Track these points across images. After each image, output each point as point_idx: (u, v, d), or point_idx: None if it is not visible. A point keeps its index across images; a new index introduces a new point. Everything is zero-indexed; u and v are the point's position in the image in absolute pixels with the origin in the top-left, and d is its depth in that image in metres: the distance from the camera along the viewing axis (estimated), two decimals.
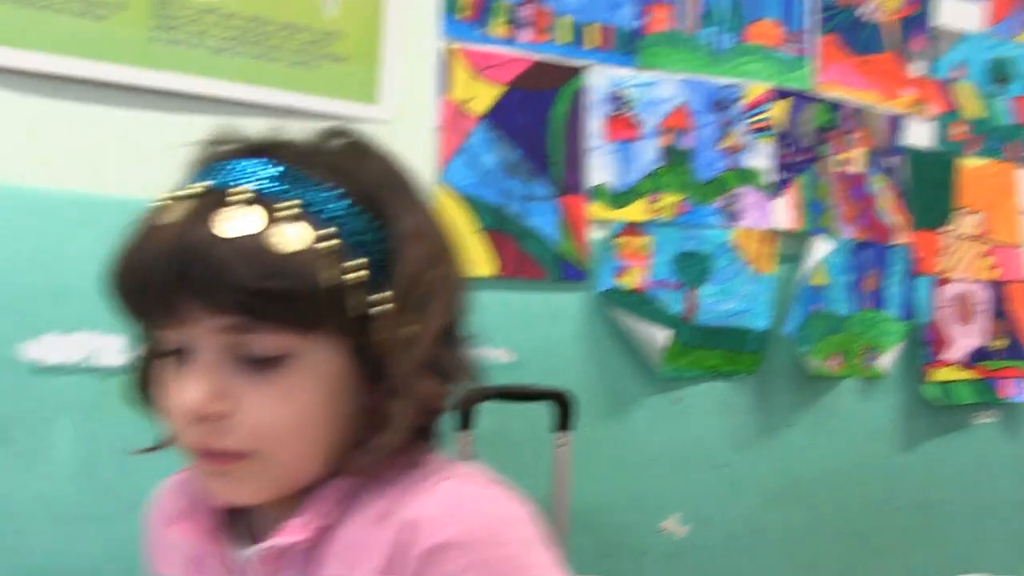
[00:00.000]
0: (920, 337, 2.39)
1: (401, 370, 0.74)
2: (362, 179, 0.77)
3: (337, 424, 0.76)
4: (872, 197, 2.28)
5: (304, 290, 0.70)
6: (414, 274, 0.75)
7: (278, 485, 0.76)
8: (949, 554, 2.46)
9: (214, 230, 0.70)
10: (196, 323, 0.72)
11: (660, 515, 2.06)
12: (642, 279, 1.99)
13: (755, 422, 2.18)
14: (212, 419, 0.72)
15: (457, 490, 0.75)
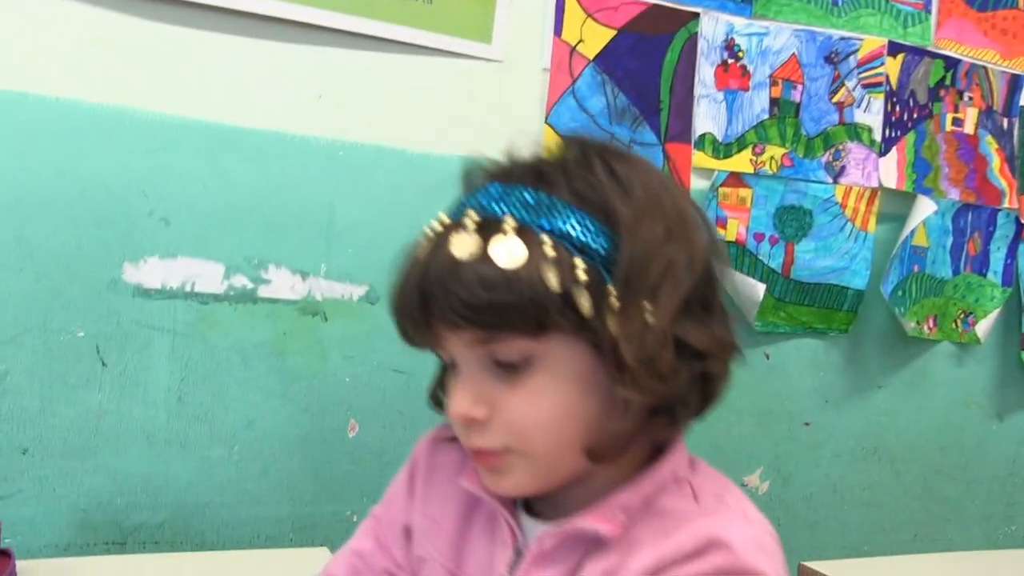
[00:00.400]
0: (1020, 304, 2.30)
1: (634, 359, 0.76)
2: (579, 181, 0.80)
3: (587, 415, 0.80)
4: (982, 159, 2.19)
5: (524, 299, 0.76)
6: (643, 259, 0.77)
7: (539, 477, 0.82)
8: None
9: (447, 258, 0.78)
10: (449, 340, 0.81)
11: (743, 469, 2.03)
12: (741, 231, 1.94)
13: (844, 381, 2.12)
14: (477, 423, 0.81)
15: (752, 519, 0.81)
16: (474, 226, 0.78)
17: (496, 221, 0.78)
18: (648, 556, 0.78)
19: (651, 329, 0.77)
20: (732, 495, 0.85)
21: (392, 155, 1.67)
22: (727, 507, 0.82)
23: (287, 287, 1.62)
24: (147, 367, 1.55)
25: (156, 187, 1.53)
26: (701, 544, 0.77)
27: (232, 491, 1.62)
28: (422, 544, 0.95)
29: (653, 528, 0.81)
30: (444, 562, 0.92)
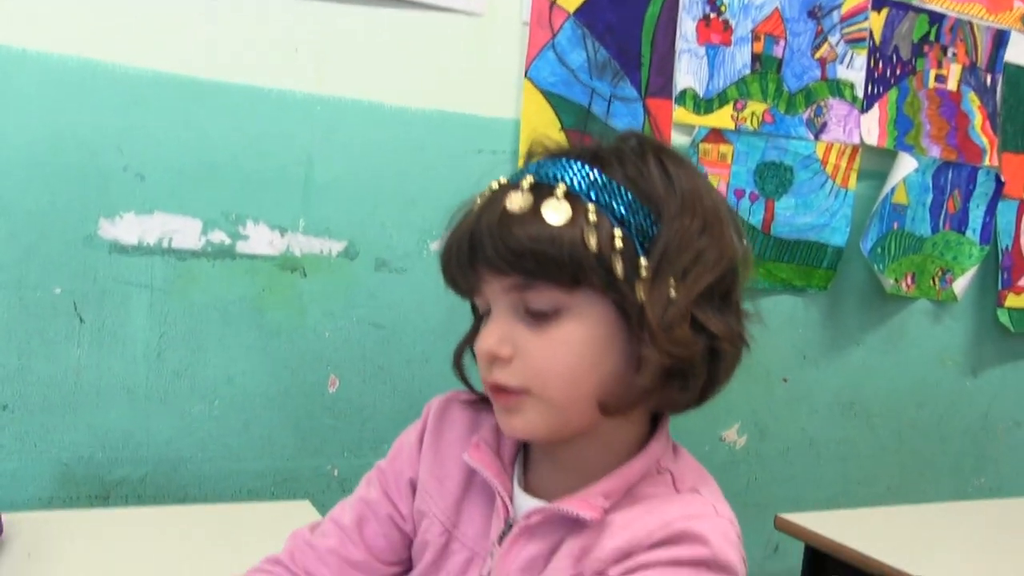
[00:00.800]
0: (998, 262, 2.30)
1: (656, 322, 0.82)
2: (625, 161, 0.88)
3: (603, 369, 0.86)
4: (964, 116, 2.17)
5: (564, 253, 0.82)
6: (678, 244, 0.85)
7: (551, 423, 0.87)
8: (1002, 478, 2.43)
9: (499, 211, 0.84)
10: (489, 284, 0.86)
11: (721, 424, 2.04)
12: (722, 187, 1.92)
13: (822, 338, 2.12)
14: (501, 361, 0.86)
15: (721, 513, 0.87)
16: (528, 187, 0.86)
17: (549, 186, 0.85)
18: (622, 536, 0.84)
19: (674, 303, 0.83)
20: (707, 487, 0.90)
21: (370, 109, 1.65)
22: (701, 499, 0.88)
23: (265, 243, 1.61)
24: (125, 323, 1.53)
25: (131, 142, 1.50)
26: (673, 534, 0.82)
27: (213, 446, 1.61)
28: (424, 499, 0.99)
29: (630, 514, 0.86)
30: (443, 519, 0.97)
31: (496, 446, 0.96)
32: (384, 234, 1.68)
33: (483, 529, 0.95)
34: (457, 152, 1.70)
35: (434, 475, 0.99)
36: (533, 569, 0.90)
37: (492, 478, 0.93)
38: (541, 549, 0.90)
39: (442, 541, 0.97)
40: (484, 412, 0.99)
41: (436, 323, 1.72)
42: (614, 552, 0.83)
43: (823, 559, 1.68)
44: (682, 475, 0.90)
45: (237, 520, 1.48)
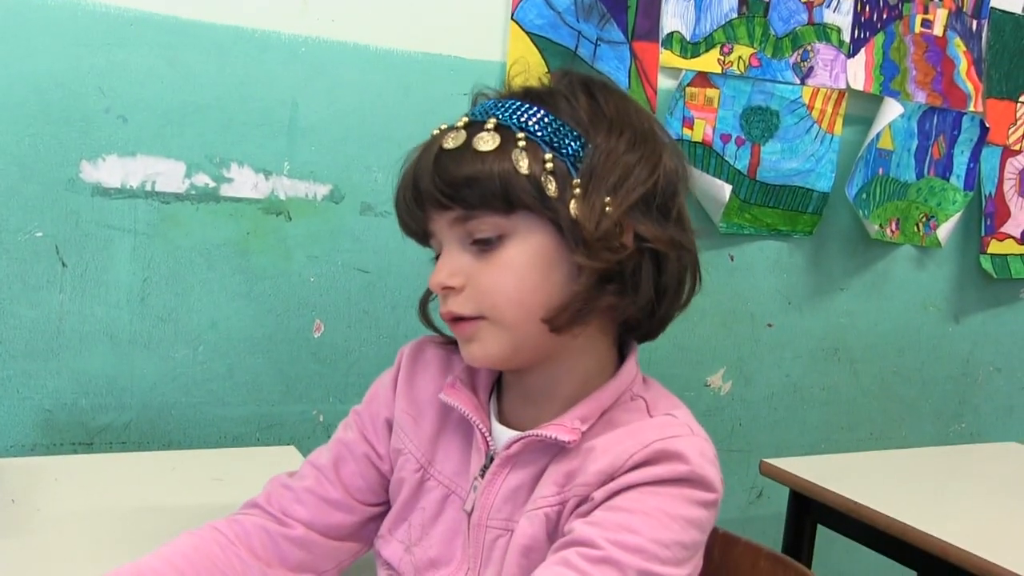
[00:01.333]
0: (981, 209, 2.30)
1: (589, 234, 0.87)
2: (553, 93, 0.93)
3: (548, 288, 0.90)
4: (949, 62, 2.15)
5: (497, 178, 0.87)
6: (606, 161, 0.89)
7: (508, 346, 0.91)
8: (981, 423, 2.44)
9: (437, 150, 0.90)
10: (436, 222, 0.92)
11: (706, 370, 2.03)
12: (708, 131, 1.90)
13: (807, 283, 2.11)
14: (454, 292, 0.91)
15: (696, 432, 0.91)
16: (463, 125, 0.91)
17: (481, 122, 0.90)
18: (604, 460, 0.88)
19: (607, 215, 0.88)
20: (680, 411, 0.94)
21: (355, 51, 1.61)
22: (676, 421, 0.92)
23: (250, 186, 1.58)
24: (108, 267, 1.51)
25: (113, 83, 1.47)
26: (652, 453, 0.86)
27: (197, 391, 1.59)
28: (400, 437, 1.02)
29: (610, 438, 0.90)
30: (418, 456, 1.00)
31: (471, 383, 0.99)
32: (369, 178, 1.65)
33: (459, 466, 0.98)
34: (443, 95, 1.67)
35: (409, 414, 1.02)
36: (517, 498, 0.93)
37: (470, 414, 0.96)
38: (523, 478, 0.93)
39: (417, 477, 1.00)
40: (456, 353, 1.00)
41: (421, 268, 1.66)
42: (597, 475, 0.87)
43: (807, 503, 1.69)
44: (655, 401, 0.95)
45: (222, 466, 1.46)
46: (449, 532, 0.97)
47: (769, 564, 1.11)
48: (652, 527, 0.83)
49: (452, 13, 1.67)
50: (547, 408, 0.95)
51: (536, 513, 0.90)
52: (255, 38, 1.54)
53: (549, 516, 0.90)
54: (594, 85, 0.94)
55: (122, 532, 1.19)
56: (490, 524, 0.93)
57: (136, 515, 1.24)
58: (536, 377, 0.95)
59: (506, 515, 0.93)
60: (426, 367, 1.04)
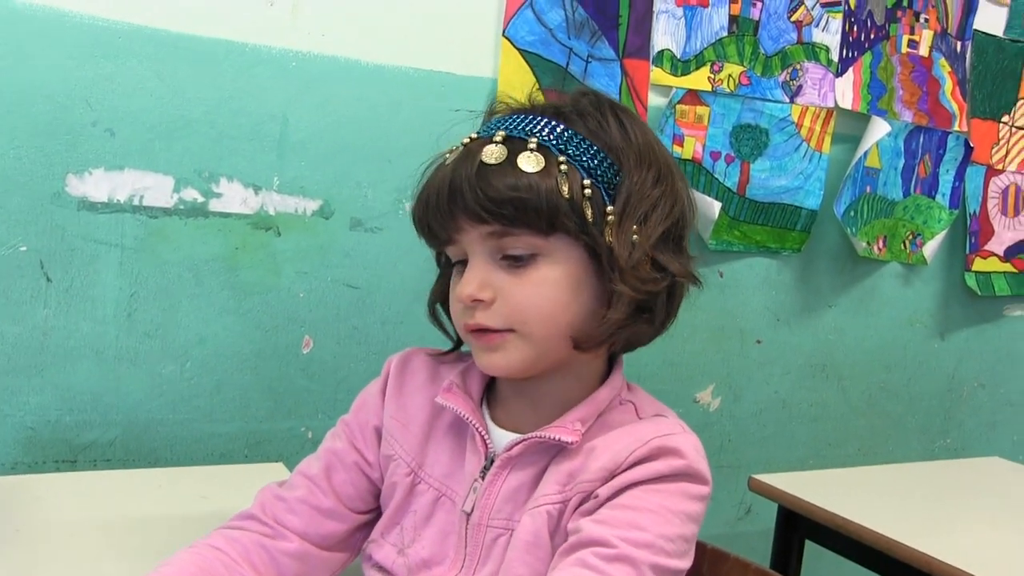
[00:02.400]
0: (966, 226, 2.27)
1: (624, 262, 0.89)
2: (587, 120, 0.93)
3: (576, 307, 0.92)
4: (935, 81, 2.13)
5: (541, 200, 0.88)
6: (637, 192, 0.92)
7: (531, 358, 0.93)
8: (965, 439, 2.42)
9: (476, 163, 0.89)
10: (467, 233, 0.91)
11: (695, 386, 1.99)
12: (698, 149, 1.87)
13: (795, 300, 2.08)
14: (482, 304, 0.91)
15: (688, 431, 0.95)
16: (502, 139, 0.91)
17: (522, 140, 0.91)
18: (606, 456, 0.90)
19: (637, 246, 0.90)
20: (668, 412, 0.98)
21: (346, 66, 1.57)
22: (669, 421, 0.95)
23: (239, 201, 1.53)
24: (94, 282, 1.46)
25: (100, 96, 1.42)
26: (651, 450, 0.89)
27: (185, 408, 1.54)
28: (390, 443, 1.03)
29: (608, 438, 0.92)
30: (408, 460, 1.01)
31: (465, 388, 1.00)
32: (359, 193, 1.61)
33: (450, 469, 1.00)
34: (434, 111, 1.64)
35: (398, 420, 1.03)
36: (517, 498, 0.95)
37: (469, 416, 0.97)
38: (523, 479, 0.95)
39: (408, 481, 1.01)
40: (444, 364, 1.05)
41: (411, 283, 1.65)
42: (600, 472, 0.90)
43: (795, 519, 1.67)
44: (642, 405, 0.98)
45: (209, 483, 1.41)
46: (441, 533, 0.98)
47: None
48: (658, 523, 0.86)
49: (443, 29, 1.64)
50: (544, 412, 0.97)
51: (539, 510, 0.92)
52: (245, 52, 1.50)
53: (551, 513, 0.91)
54: (620, 110, 0.96)
55: (107, 551, 1.14)
56: (491, 524, 0.95)
57: (121, 533, 1.19)
58: (539, 384, 0.97)
59: (506, 515, 0.94)
60: (414, 375, 1.05)
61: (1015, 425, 2.51)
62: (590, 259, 0.91)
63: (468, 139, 0.94)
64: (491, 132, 0.93)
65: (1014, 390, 2.48)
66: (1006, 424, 2.49)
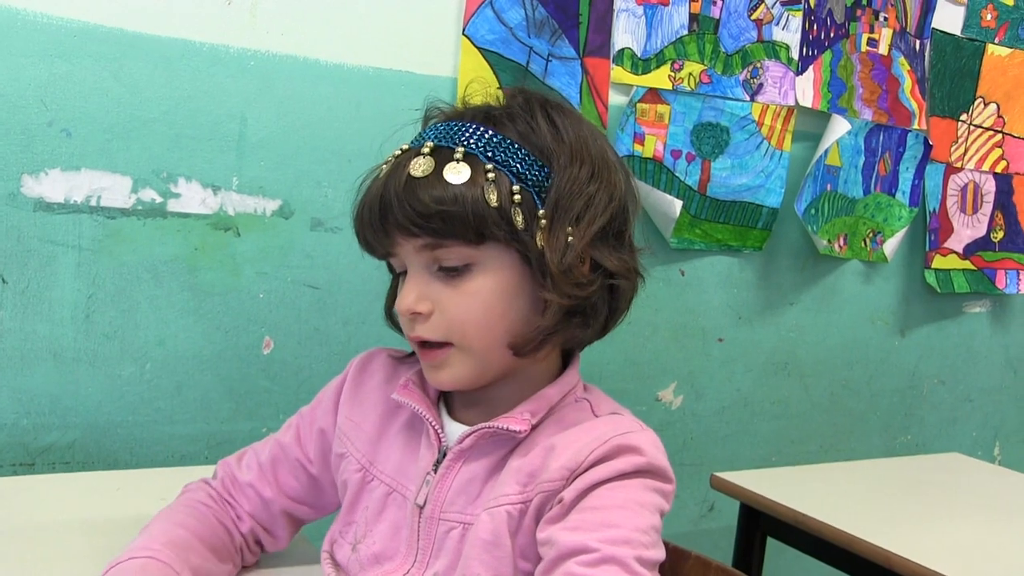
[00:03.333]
0: (926, 224, 2.30)
1: (555, 267, 0.89)
2: (517, 123, 0.93)
3: (512, 315, 0.92)
4: (894, 80, 2.15)
5: (468, 211, 0.88)
6: (569, 192, 0.91)
7: (475, 370, 0.94)
8: (927, 434, 2.45)
9: (405, 176, 0.90)
10: (402, 246, 0.92)
11: (657, 384, 2.01)
12: (659, 147, 1.88)
13: (757, 298, 2.10)
14: (421, 317, 0.92)
15: (645, 428, 0.94)
16: (429, 151, 0.91)
17: (449, 150, 0.91)
18: (565, 456, 0.90)
19: (571, 247, 0.90)
20: (624, 410, 0.98)
21: (305, 65, 1.57)
22: (626, 419, 0.95)
23: (198, 201, 1.53)
24: (52, 284, 1.45)
25: (56, 96, 1.41)
26: (611, 448, 0.89)
27: (145, 410, 1.54)
28: (342, 441, 1.05)
29: (567, 437, 0.92)
30: (359, 457, 1.03)
31: (422, 385, 1.01)
32: (319, 193, 1.61)
33: (402, 465, 1.01)
34: (394, 110, 1.64)
35: (352, 420, 1.05)
36: (470, 491, 0.95)
37: (423, 411, 0.98)
38: (476, 471, 0.96)
39: (359, 478, 1.03)
40: (404, 364, 1.07)
41: (372, 283, 1.65)
42: (560, 471, 0.90)
43: (757, 517, 1.68)
44: (598, 403, 0.98)
45: (170, 485, 1.40)
46: (392, 528, 0.99)
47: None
48: (630, 517, 0.86)
49: (403, 28, 1.64)
50: (499, 410, 0.97)
51: (498, 510, 0.92)
52: (203, 52, 1.50)
53: (511, 513, 0.92)
54: (552, 108, 0.95)
55: (64, 554, 1.13)
56: (443, 517, 0.96)
57: (79, 536, 1.18)
58: (488, 390, 0.98)
59: (459, 508, 0.95)
60: (372, 375, 1.07)
61: (974, 421, 2.54)
62: (524, 265, 0.92)
63: (400, 150, 0.95)
64: (421, 143, 0.93)
65: (973, 386, 2.51)
66: (965, 420, 2.52)
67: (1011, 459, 2.60)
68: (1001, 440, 2.60)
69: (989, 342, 2.51)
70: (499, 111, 0.95)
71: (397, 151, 0.95)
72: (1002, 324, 2.52)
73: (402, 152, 0.94)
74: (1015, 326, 2.56)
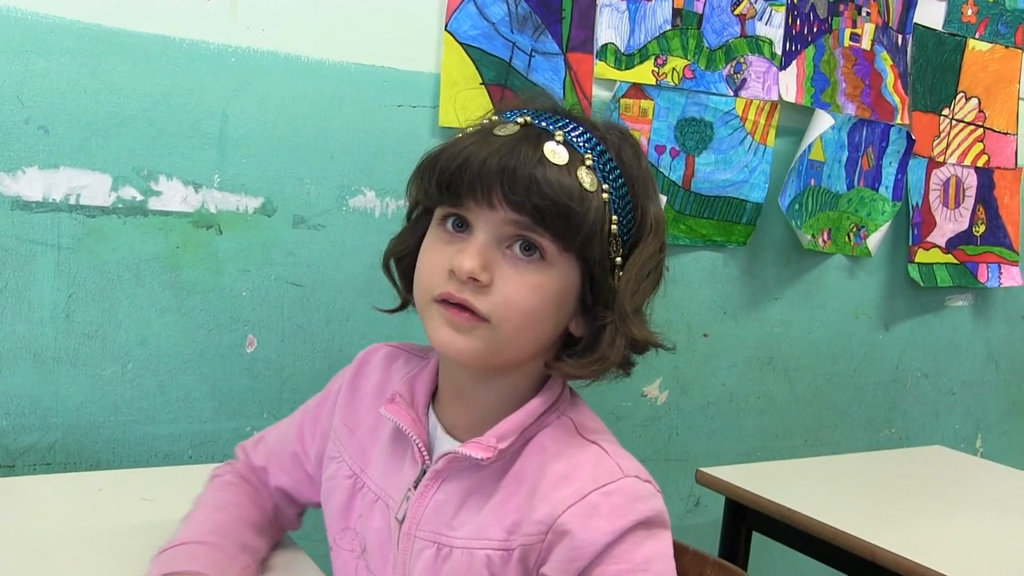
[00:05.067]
0: (908, 218, 2.30)
1: (623, 308, 0.90)
2: (630, 165, 0.93)
3: (554, 325, 0.92)
4: (877, 75, 2.14)
5: (582, 217, 0.87)
6: (646, 252, 0.92)
7: (493, 352, 0.90)
8: (909, 427, 2.45)
9: (540, 152, 0.87)
10: (494, 210, 0.87)
11: (642, 380, 1.99)
12: (643, 143, 1.87)
13: (741, 293, 2.09)
14: (475, 284, 0.88)
15: (627, 472, 0.91)
16: (561, 140, 0.89)
17: (577, 152, 0.89)
18: (543, 510, 0.89)
19: (634, 298, 0.91)
20: (606, 438, 0.95)
21: (286, 62, 1.55)
22: (607, 460, 0.92)
23: (179, 199, 1.51)
24: (31, 283, 1.42)
25: (32, 93, 1.39)
26: (590, 503, 0.88)
27: (127, 410, 1.51)
28: (336, 446, 1.05)
29: (548, 479, 0.91)
30: (351, 464, 1.03)
31: (410, 398, 0.99)
32: (302, 190, 1.59)
33: (388, 473, 1.00)
34: (376, 106, 1.62)
35: (346, 424, 1.05)
36: (443, 514, 0.94)
37: (408, 429, 0.96)
38: (449, 494, 0.94)
39: (350, 484, 1.03)
40: (397, 363, 1.05)
41: (356, 281, 1.64)
42: (538, 525, 0.89)
43: (743, 511, 1.67)
44: (582, 423, 0.96)
45: (152, 485, 1.38)
46: (378, 536, 0.99)
47: (716, 572, 1.11)
48: None
49: (385, 24, 1.62)
50: (480, 416, 0.96)
51: (479, 553, 0.91)
52: (183, 48, 1.48)
53: (492, 559, 0.91)
54: (638, 150, 0.95)
55: (47, 556, 1.11)
56: (418, 535, 0.95)
57: (61, 538, 1.16)
58: (476, 387, 0.96)
59: (432, 528, 0.94)
60: (368, 376, 1.06)
61: (957, 414, 2.54)
62: (583, 285, 0.91)
63: (523, 120, 0.90)
64: (549, 126, 0.90)
65: (956, 379, 2.51)
66: (948, 413, 2.52)
67: (993, 451, 2.60)
68: (983, 432, 2.60)
69: (971, 335, 2.51)
70: (619, 141, 0.94)
71: (519, 119, 0.91)
72: (984, 318, 2.52)
73: (525, 123, 0.90)
74: (996, 319, 2.56)
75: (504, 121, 0.91)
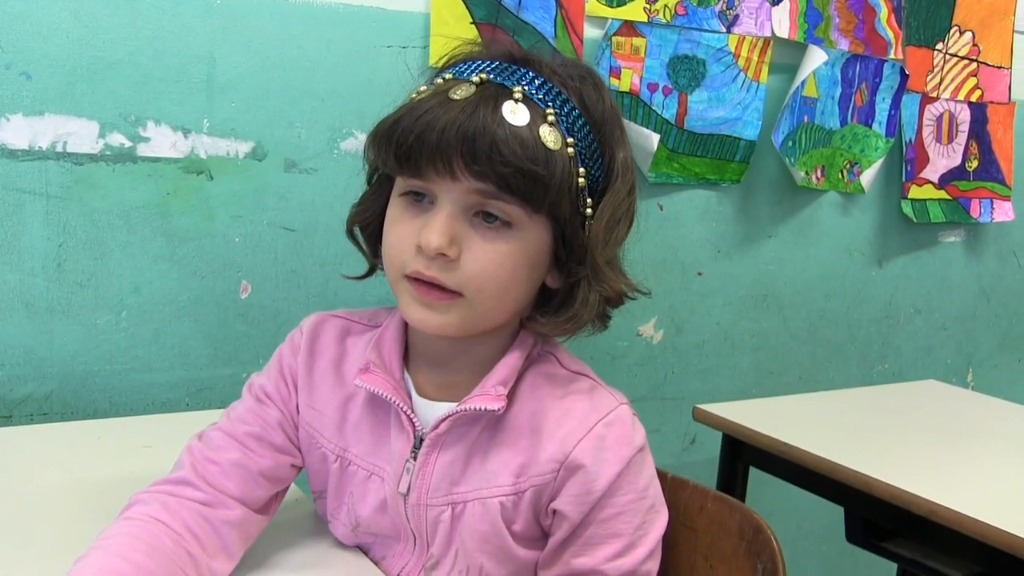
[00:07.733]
0: (902, 154, 2.27)
1: (595, 263, 0.88)
2: (595, 111, 0.89)
3: (529, 287, 0.90)
4: (870, 9, 2.10)
5: (548, 179, 0.83)
6: (616, 199, 0.90)
7: (469, 324, 0.88)
8: (903, 362, 2.44)
9: (499, 114, 0.82)
10: (457, 180, 0.83)
11: (637, 319, 1.98)
12: (635, 81, 1.83)
13: (735, 232, 2.07)
14: (443, 260, 0.84)
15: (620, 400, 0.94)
16: (520, 98, 0.84)
17: (538, 107, 0.85)
18: (552, 447, 0.90)
19: (607, 249, 0.90)
20: (586, 368, 0.97)
21: (273, 3, 1.50)
22: (600, 390, 0.95)
23: (168, 145, 1.47)
24: (20, 233, 1.39)
25: (12, 38, 1.34)
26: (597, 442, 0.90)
27: (122, 358, 1.49)
28: (310, 432, 1.00)
29: (549, 418, 0.91)
30: (332, 448, 0.99)
31: (384, 364, 0.95)
32: (292, 134, 1.55)
33: (374, 447, 0.96)
34: (366, 47, 1.58)
35: (313, 408, 0.99)
36: (453, 473, 0.93)
37: (392, 396, 0.93)
38: (457, 453, 0.92)
39: (337, 466, 0.99)
40: (352, 335, 1.01)
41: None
42: (550, 464, 0.89)
43: (739, 447, 1.67)
44: (562, 356, 0.97)
45: (151, 432, 1.37)
46: (379, 510, 0.97)
47: (716, 505, 1.10)
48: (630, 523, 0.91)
49: None
50: (461, 372, 0.94)
51: (491, 501, 0.91)
52: None
53: (505, 505, 0.91)
54: (604, 92, 0.92)
55: (48, 507, 1.09)
56: (430, 503, 0.93)
57: (62, 487, 1.15)
58: (454, 349, 0.94)
59: (444, 491, 0.93)
60: (322, 354, 1.00)
61: (949, 348, 2.53)
62: (555, 240, 0.89)
63: (479, 79, 0.85)
64: (506, 82, 0.85)
65: (948, 315, 2.50)
66: (940, 348, 2.51)
67: (984, 384, 2.60)
68: (974, 366, 2.60)
69: (963, 271, 2.50)
70: (582, 88, 0.90)
71: (475, 78, 0.86)
72: (976, 253, 2.51)
73: (482, 82, 0.85)
74: (988, 255, 2.54)
75: (459, 80, 0.86)
